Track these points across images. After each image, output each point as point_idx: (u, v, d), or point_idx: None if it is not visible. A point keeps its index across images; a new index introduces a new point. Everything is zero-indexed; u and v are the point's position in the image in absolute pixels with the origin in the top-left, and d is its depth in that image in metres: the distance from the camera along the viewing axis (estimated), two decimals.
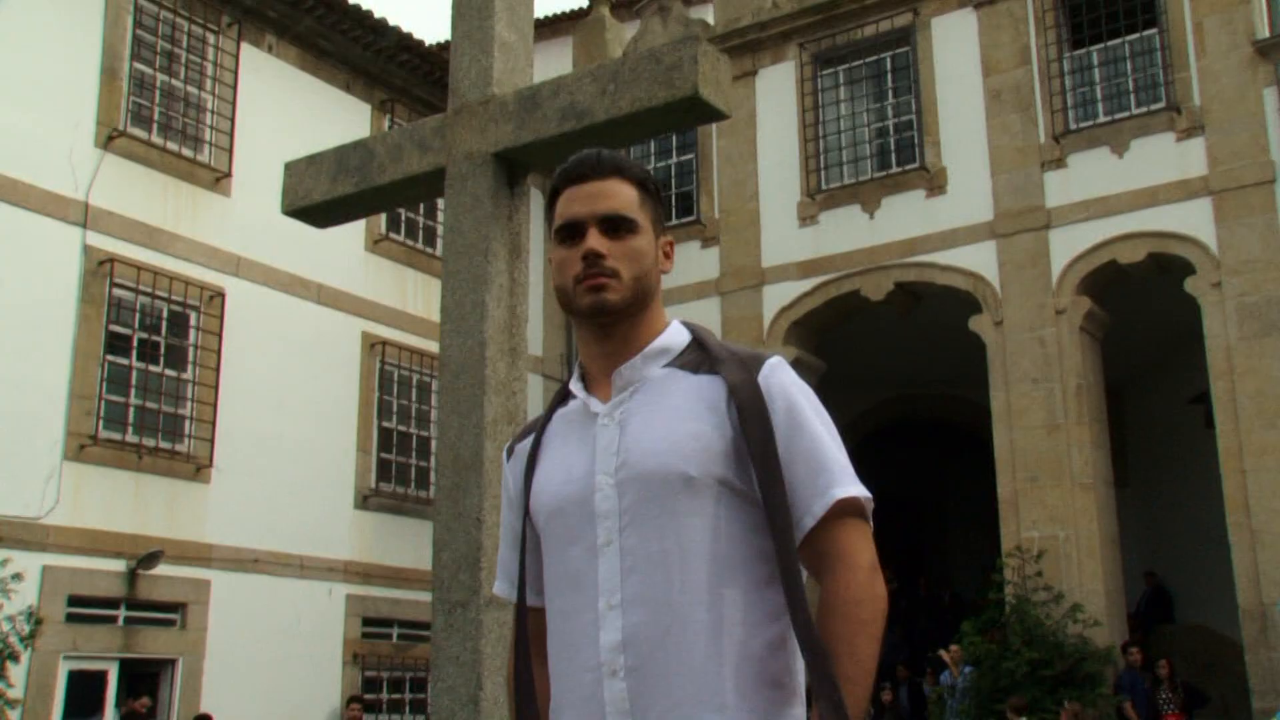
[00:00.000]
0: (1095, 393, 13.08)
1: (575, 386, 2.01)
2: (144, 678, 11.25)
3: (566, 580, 1.88)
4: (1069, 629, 12.28)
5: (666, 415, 1.87)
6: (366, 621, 13.32)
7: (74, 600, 10.66)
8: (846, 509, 1.82)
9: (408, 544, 13.35)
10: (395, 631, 13.71)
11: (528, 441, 2.05)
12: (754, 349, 1.99)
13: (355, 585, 13.13)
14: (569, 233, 1.97)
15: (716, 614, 1.77)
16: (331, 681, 12.74)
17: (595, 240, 1.93)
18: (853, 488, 1.83)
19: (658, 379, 1.93)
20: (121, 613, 11.09)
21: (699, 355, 1.95)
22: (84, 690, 10.76)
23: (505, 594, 2.07)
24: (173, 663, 11.38)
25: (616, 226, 1.95)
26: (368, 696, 12.93)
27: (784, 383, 1.89)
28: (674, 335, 1.99)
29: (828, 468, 1.84)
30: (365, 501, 13.48)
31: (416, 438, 14.32)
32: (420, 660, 13.21)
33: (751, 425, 1.82)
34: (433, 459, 12.99)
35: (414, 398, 14.37)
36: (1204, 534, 14.41)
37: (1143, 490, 16.58)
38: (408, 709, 13.64)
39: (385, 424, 13.96)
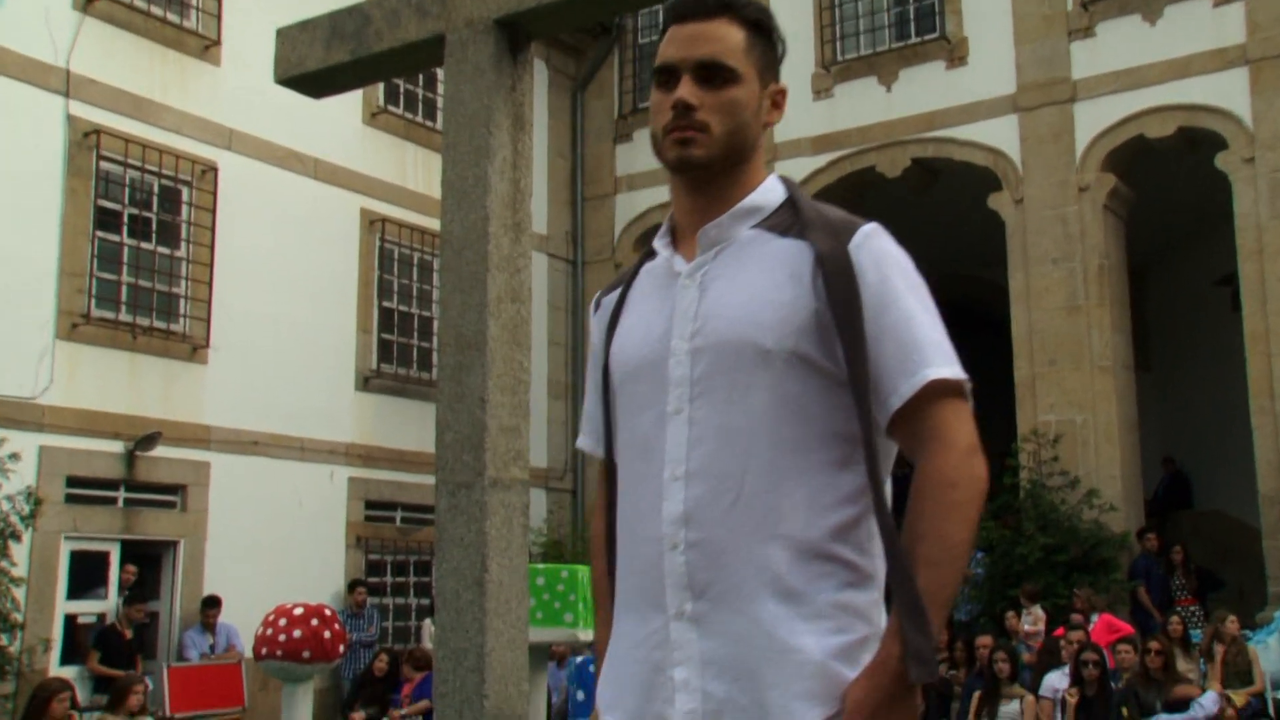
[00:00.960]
0: (1117, 273, 13.05)
1: (661, 241, 1.95)
2: (146, 559, 11.49)
3: (636, 446, 1.84)
4: (1084, 515, 12.46)
5: (748, 282, 1.80)
6: (369, 505, 13.53)
7: (72, 481, 10.83)
8: (940, 389, 1.73)
9: (410, 426, 13.50)
10: (398, 515, 13.94)
11: (614, 295, 2.00)
12: (850, 215, 1.87)
13: (357, 468, 13.31)
14: (664, 77, 1.87)
15: (785, 493, 1.71)
16: (335, 565, 12.99)
17: (687, 90, 1.83)
18: (946, 368, 1.74)
19: (744, 241, 1.85)
20: (121, 494, 11.28)
21: (790, 217, 1.85)
22: (87, 570, 11.00)
23: (591, 449, 2.05)
24: (174, 545, 11.61)
25: (712, 75, 1.83)
26: (371, 580, 13.21)
27: (877, 253, 1.79)
28: (767, 193, 1.89)
29: (919, 346, 1.74)
30: (366, 383, 13.59)
31: (418, 318, 14.36)
32: (424, 543, 13.47)
33: (837, 298, 1.74)
34: (434, 339, 13.06)
35: (415, 277, 14.38)
36: (1226, 419, 14.52)
37: (1164, 374, 16.65)
38: (412, 592, 13.94)
39: (386, 304, 13.99)
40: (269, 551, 12.00)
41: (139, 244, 11.59)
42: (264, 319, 12.32)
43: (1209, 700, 8.03)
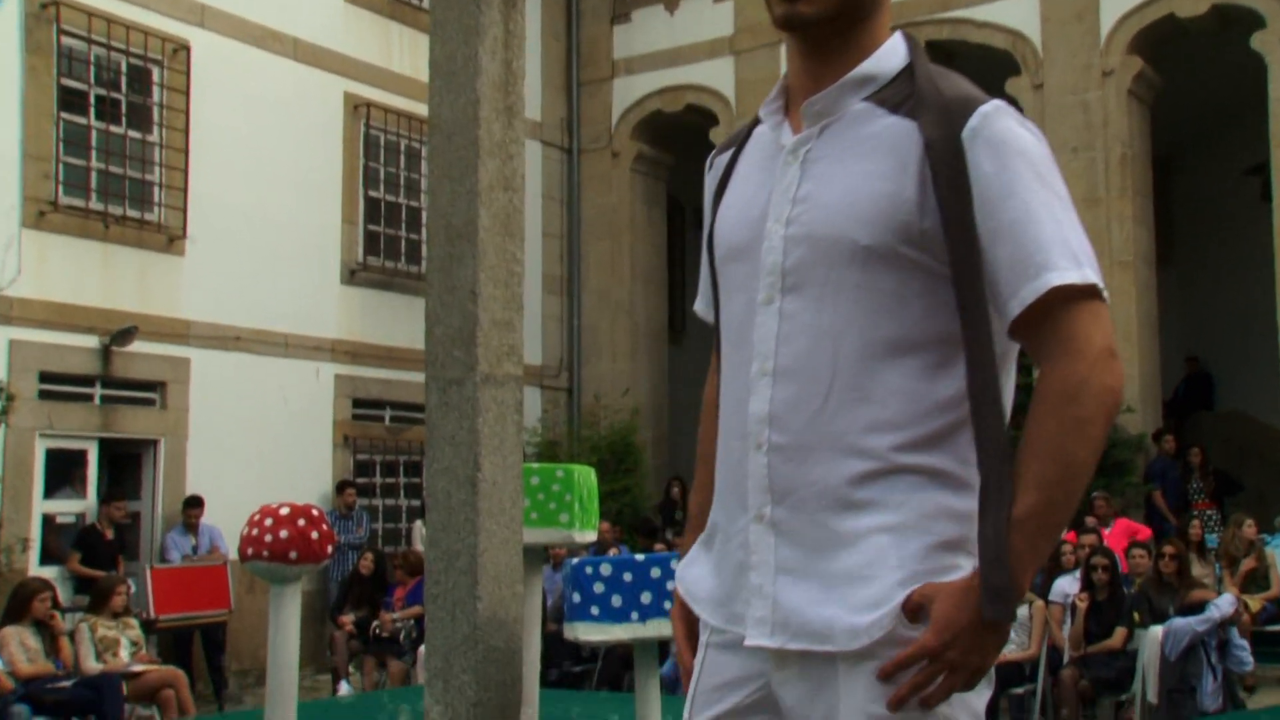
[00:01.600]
0: (1141, 163, 12.95)
1: (769, 108, 1.84)
2: (125, 459, 11.59)
3: (731, 330, 1.79)
4: None
5: (850, 166, 1.69)
6: (357, 403, 13.60)
7: (46, 377, 10.86)
8: (1066, 294, 1.61)
9: (398, 322, 13.50)
10: (387, 414, 14.02)
11: (726, 157, 1.92)
12: (970, 90, 1.71)
13: (344, 365, 13.34)
14: None
15: (877, 400, 1.64)
16: (322, 465, 13.10)
17: None
18: (1072, 271, 1.61)
19: (853, 116, 1.73)
20: (97, 391, 11.33)
21: (905, 89, 1.71)
22: (64, 469, 11.10)
23: (704, 314, 1.98)
24: (154, 444, 11.68)
25: None
26: (360, 481, 13.33)
27: (995, 138, 1.65)
28: (884, 59, 1.75)
29: (1042, 246, 1.61)
30: (352, 277, 13.56)
31: (405, 208, 14.29)
32: (414, 443, 13.56)
33: (945, 192, 1.62)
34: (423, 230, 13.01)
35: (402, 165, 14.26)
36: (1251, 316, 14.52)
37: (1188, 270, 16.63)
38: (402, 493, 14.08)
39: (372, 193, 13.91)
40: (253, 451, 12.09)
41: (108, 127, 11.47)
42: (243, 209, 12.25)
43: (1225, 602, 8.15)
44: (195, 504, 11.38)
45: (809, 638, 1.62)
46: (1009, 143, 1.65)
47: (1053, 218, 1.64)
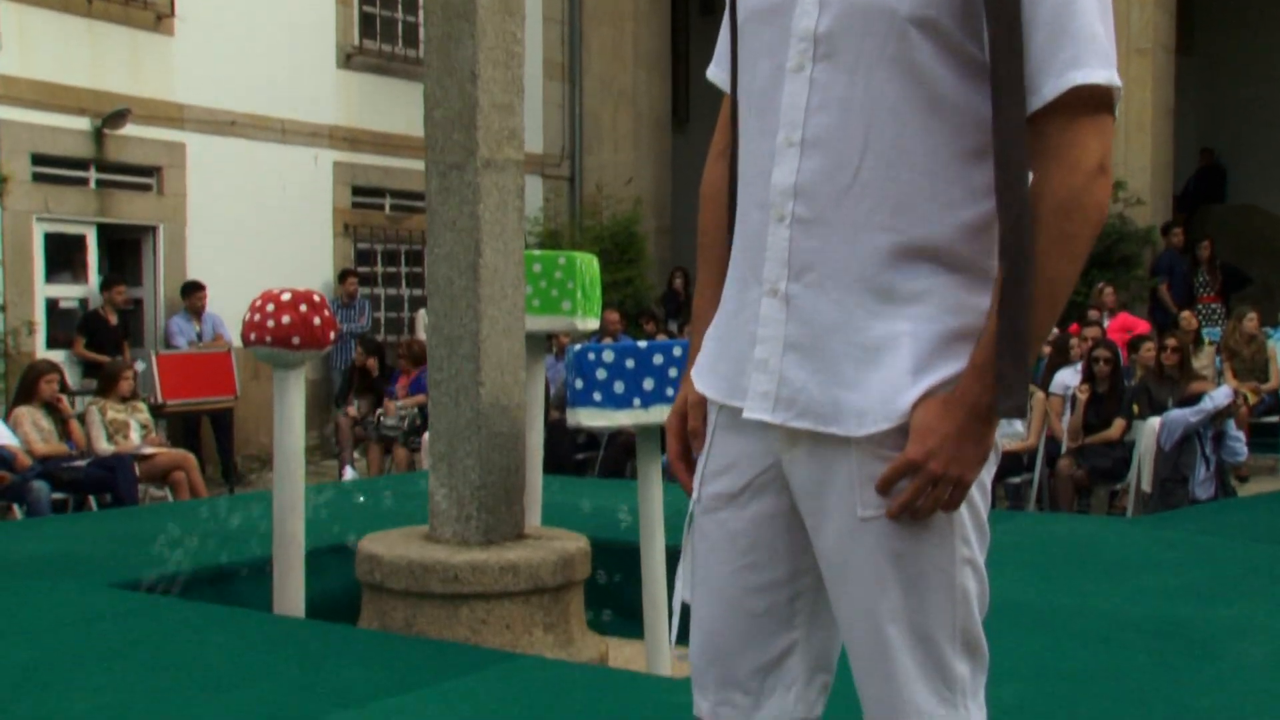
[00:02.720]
0: None
1: None
2: (125, 245, 11.59)
3: (754, 97, 1.71)
4: (1109, 208, 12.46)
5: None
6: (356, 191, 13.52)
7: (39, 159, 10.76)
8: (1084, 97, 1.55)
9: (397, 107, 13.29)
10: (387, 202, 13.95)
11: None
12: None
13: (342, 152, 13.21)
14: None
15: (907, 181, 1.59)
16: (323, 254, 13.10)
17: None
18: (1099, 71, 1.55)
19: None
20: (92, 174, 11.24)
21: None
22: (64, 254, 11.13)
23: (720, 82, 1.90)
24: (153, 230, 11.67)
25: None
26: (361, 270, 13.35)
27: None
28: None
29: (1074, 39, 1.55)
30: (349, 60, 13.29)
31: None
32: (415, 232, 13.53)
33: None
34: (421, 12, 12.67)
35: None
36: (1270, 109, 14.29)
37: (1208, 58, 16.26)
38: (404, 283, 14.12)
39: None
40: (253, 239, 12.08)
41: None
42: None
43: (1221, 394, 8.26)
44: (196, 289, 11.43)
45: (814, 417, 1.61)
46: None
47: (1092, 15, 1.56)
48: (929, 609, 1.59)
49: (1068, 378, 9.23)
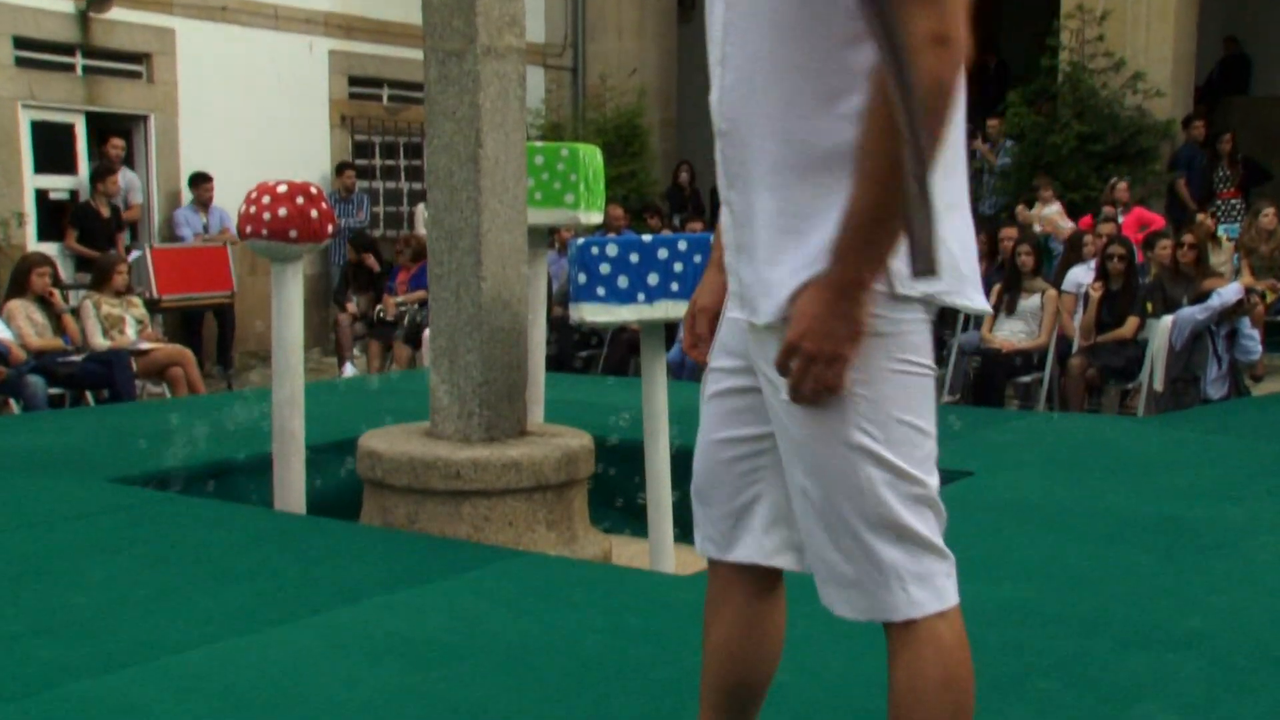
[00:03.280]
0: None
1: None
2: (115, 134, 11.48)
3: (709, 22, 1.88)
4: (1127, 100, 12.31)
5: None
6: (353, 80, 13.35)
7: (21, 42, 10.62)
8: None
9: None
10: (385, 93, 13.78)
11: None
12: None
13: (338, 40, 13.03)
14: None
15: (791, 84, 1.68)
16: (319, 146, 12.99)
17: None
18: None
19: None
20: (79, 60, 11.10)
21: None
22: (53, 144, 11.04)
23: None
24: (144, 120, 11.56)
25: None
26: (359, 163, 13.25)
27: None
28: None
29: None
30: None
31: None
32: (414, 124, 13.38)
33: None
34: None
35: None
36: None
37: None
38: (403, 176, 14.02)
39: None
40: (247, 130, 11.96)
41: None
42: None
43: (1229, 291, 8.19)
44: (204, 180, 11.36)
45: (748, 310, 1.78)
46: None
47: None
48: (832, 497, 1.70)
49: (1081, 275, 9.19)
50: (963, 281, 1.73)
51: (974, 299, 1.75)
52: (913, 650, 1.70)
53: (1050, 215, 11.29)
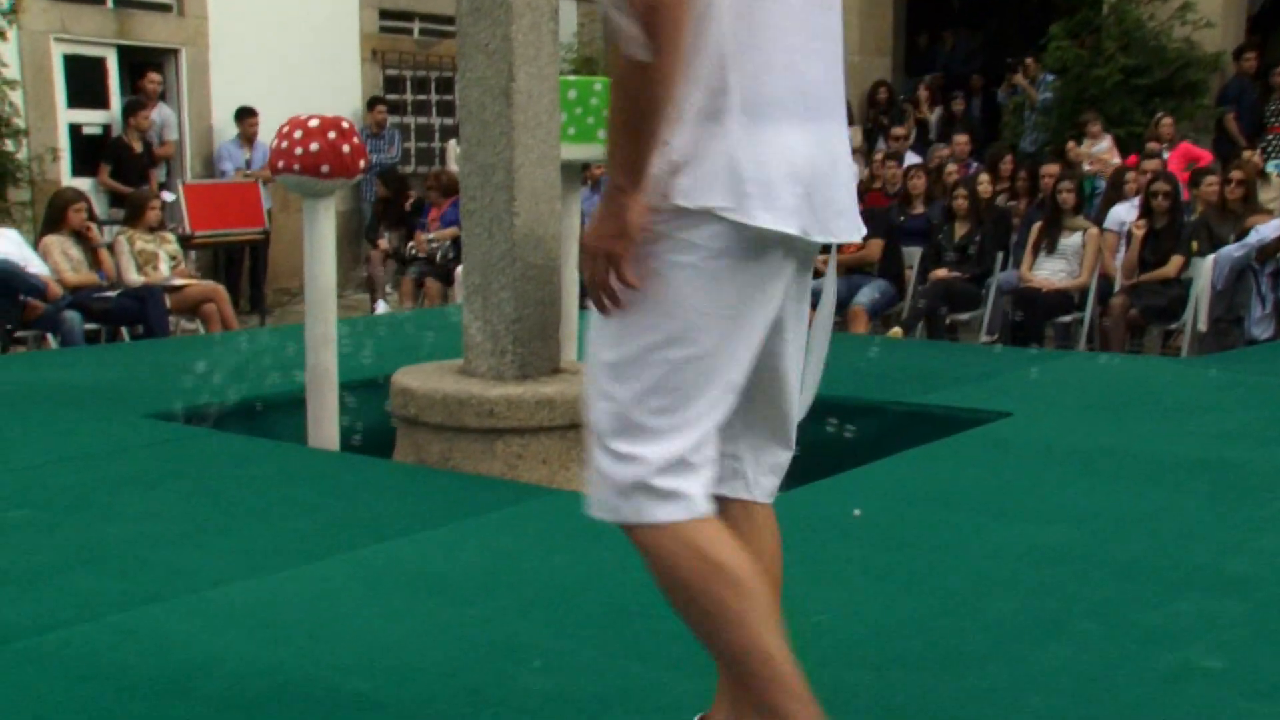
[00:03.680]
0: None
1: None
2: (147, 67, 11.48)
3: None
4: (1175, 31, 12.08)
5: None
6: (384, 14, 13.29)
7: None
8: None
9: None
10: (416, 26, 13.71)
11: None
12: None
13: None
14: None
15: None
16: (350, 81, 12.96)
17: None
18: None
19: None
20: None
21: None
22: (84, 76, 11.07)
23: None
24: (175, 54, 11.55)
25: None
26: (390, 98, 13.21)
27: None
28: None
29: None
30: None
31: None
32: (445, 58, 13.32)
33: None
34: None
35: None
36: None
37: None
38: (434, 111, 13.97)
39: None
40: (278, 64, 11.93)
41: None
42: None
43: (1269, 227, 8.03)
44: (249, 114, 11.37)
45: None
46: None
47: None
48: (589, 398, 1.83)
49: (1123, 213, 9.06)
50: (744, 199, 1.71)
51: (757, 217, 1.72)
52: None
53: (1100, 153, 11.13)
